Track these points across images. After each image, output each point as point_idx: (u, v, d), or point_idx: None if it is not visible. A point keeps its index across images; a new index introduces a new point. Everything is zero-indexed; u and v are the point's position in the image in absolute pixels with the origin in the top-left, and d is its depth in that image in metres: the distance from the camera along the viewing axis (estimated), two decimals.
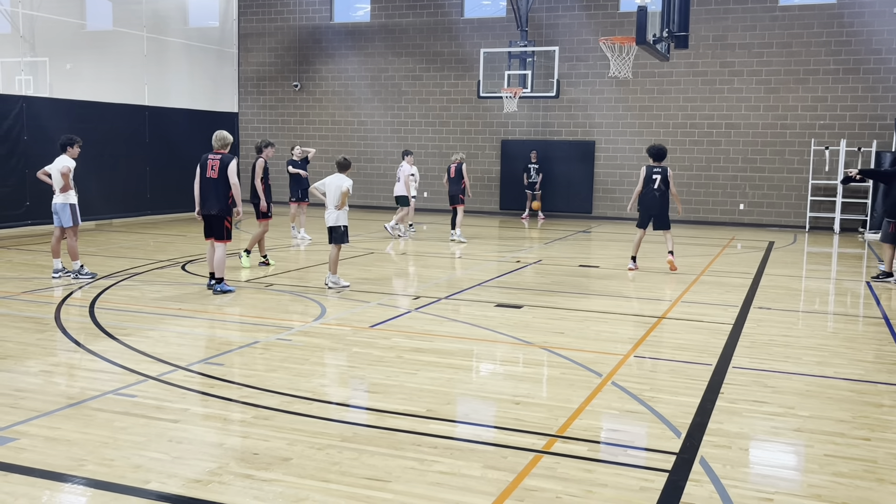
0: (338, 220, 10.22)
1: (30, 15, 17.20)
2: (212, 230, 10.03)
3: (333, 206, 10.16)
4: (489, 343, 7.73)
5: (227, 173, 9.76)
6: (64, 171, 10.54)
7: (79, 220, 10.82)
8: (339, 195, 10.12)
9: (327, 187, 10.26)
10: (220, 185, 9.80)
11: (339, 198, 10.12)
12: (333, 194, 10.17)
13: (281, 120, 25.57)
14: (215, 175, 9.79)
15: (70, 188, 10.64)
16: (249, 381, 6.22)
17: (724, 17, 20.91)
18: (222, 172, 9.78)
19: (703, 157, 21.41)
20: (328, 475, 4.44)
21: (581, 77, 22.24)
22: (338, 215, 10.19)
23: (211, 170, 9.81)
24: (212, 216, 9.95)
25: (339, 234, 10.24)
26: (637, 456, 4.86)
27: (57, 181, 10.63)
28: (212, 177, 9.81)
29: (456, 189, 16.10)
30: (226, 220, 9.93)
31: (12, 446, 4.75)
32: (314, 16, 24.91)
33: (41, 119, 16.40)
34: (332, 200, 10.19)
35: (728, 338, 8.01)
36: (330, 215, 10.22)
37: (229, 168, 9.77)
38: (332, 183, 10.22)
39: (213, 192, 9.85)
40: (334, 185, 10.19)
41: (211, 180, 9.82)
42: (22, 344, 7.23)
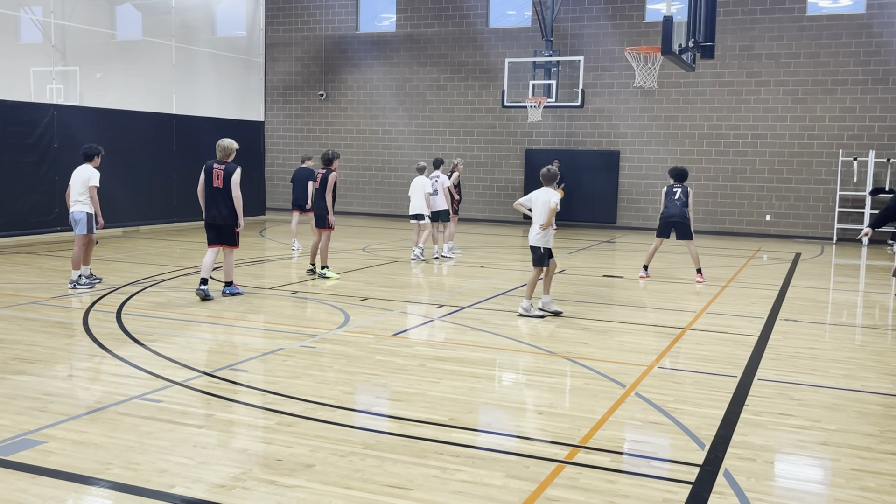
0: (539, 240, 9.34)
1: (61, 25, 17.48)
2: (219, 238, 9.99)
3: (539, 224, 9.30)
4: (512, 352, 7.72)
5: (230, 183, 9.73)
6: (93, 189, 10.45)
7: (94, 229, 10.71)
8: (546, 212, 9.26)
9: (533, 203, 9.40)
10: (226, 194, 9.78)
11: (546, 214, 9.25)
12: (541, 211, 9.30)
13: (306, 129, 25.76)
14: (221, 185, 9.77)
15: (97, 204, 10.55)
16: (273, 387, 6.27)
17: (751, 28, 20.79)
18: (227, 182, 9.75)
19: (728, 168, 21.27)
20: (351, 482, 4.45)
21: (606, 87, 22.20)
22: (541, 235, 9.33)
23: (217, 179, 9.78)
24: (220, 226, 9.92)
25: (539, 256, 9.34)
26: (660, 467, 4.83)
27: (81, 192, 10.52)
28: (218, 186, 9.78)
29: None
30: (235, 227, 9.92)
31: (41, 449, 4.82)
32: (340, 25, 25.10)
33: (71, 127, 16.64)
34: (538, 217, 9.32)
35: (753, 349, 7.94)
36: (533, 233, 9.39)
37: (232, 179, 9.72)
38: (540, 198, 9.34)
39: (222, 202, 9.82)
40: (541, 200, 9.32)
41: (217, 190, 9.80)
42: (50, 349, 7.33)
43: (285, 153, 26.03)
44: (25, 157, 15.85)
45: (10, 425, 5.22)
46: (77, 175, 10.66)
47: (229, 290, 10.02)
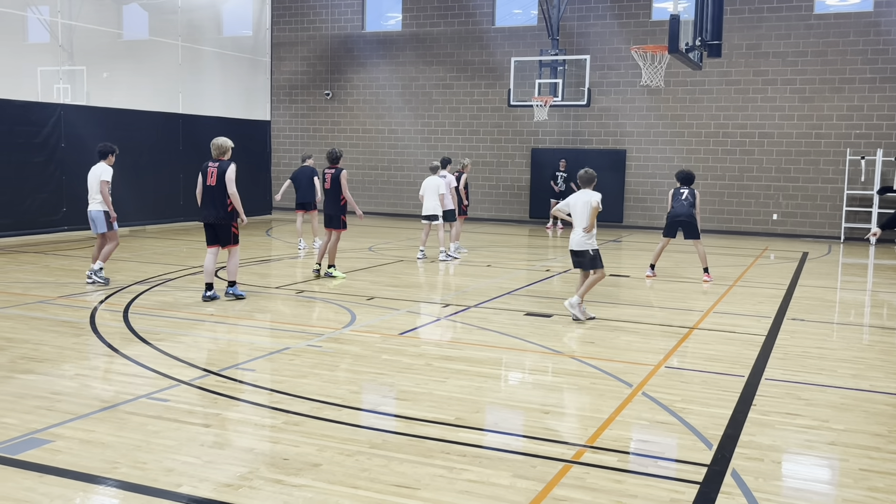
0: (584, 244, 9.09)
1: (68, 25, 17.52)
2: (217, 238, 9.82)
3: (581, 227, 9.04)
4: (518, 352, 7.71)
5: (224, 181, 9.56)
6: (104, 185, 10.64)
7: (114, 226, 10.90)
8: (588, 213, 8.99)
9: (572, 207, 9.11)
10: (218, 193, 9.59)
11: (588, 217, 8.97)
12: (581, 213, 9.05)
13: (312, 128, 25.78)
14: (214, 182, 9.60)
15: (108, 201, 10.73)
16: (280, 386, 6.27)
17: (758, 26, 20.73)
18: (220, 180, 9.57)
19: (735, 167, 21.21)
20: (357, 482, 4.45)
21: (612, 85, 22.16)
22: (585, 238, 9.07)
23: (210, 177, 9.63)
24: (214, 224, 9.77)
25: (589, 259, 9.11)
26: (668, 467, 4.82)
27: (95, 190, 10.74)
28: (211, 185, 9.62)
29: None
30: (232, 225, 9.74)
31: (48, 448, 4.83)
32: (346, 25, 25.11)
33: (78, 127, 16.68)
34: (580, 220, 9.06)
35: (761, 349, 7.92)
36: (576, 237, 9.13)
37: (227, 176, 9.55)
38: (580, 200, 9.05)
39: (212, 201, 9.65)
40: (582, 201, 9.02)
41: (211, 188, 9.63)
42: (58, 347, 7.35)
43: (291, 152, 26.04)
44: (33, 157, 15.90)
45: (18, 424, 5.23)
46: (91, 173, 10.84)
47: (232, 291, 9.88)
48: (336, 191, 11.47)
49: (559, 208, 9.35)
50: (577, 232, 9.09)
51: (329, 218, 11.68)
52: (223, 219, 9.66)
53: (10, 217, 15.48)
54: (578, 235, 9.09)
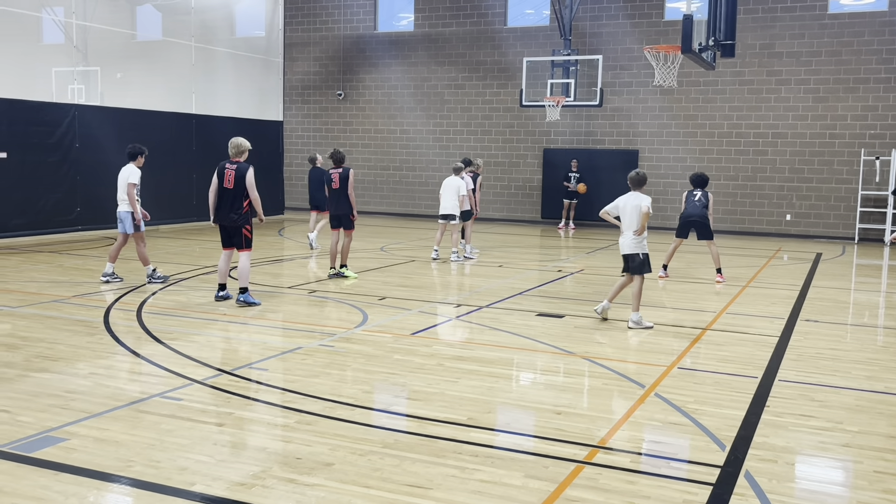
0: (635, 247, 8.91)
1: (83, 25, 17.63)
2: (231, 240, 9.68)
3: (631, 230, 8.87)
4: (530, 352, 7.71)
5: (244, 184, 9.40)
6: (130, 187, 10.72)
7: (140, 227, 10.93)
8: (639, 217, 8.82)
9: (621, 210, 8.94)
10: (235, 195, 9.42)
11: (639, 220, 8.81)
12: (631, 216, 8.87)
13: (325, 128, 25.83)
14: (231, 185, 9.40)
15: (134, 202, 10.78)
16: (292, 386, 6.29)
17: (772, 26, 20.63)
18: (238, 183, 9.39)
19: (748, 167, 21.11)
20: (370, 481, 4.46)
21: (625, 86, 22.10)
22: (636, 241, 8.88)
23: (227, 180, 9.43)
24: (229, 227, 9.61)
25: (638, 263, 8.91)
26: (680, 468, 4.81)
27: (122, 190, 10.82)
28: (228, 187, 9.42)
29: None
30: (244, 228, 9.56)
31: (63, 446, 4.86)
32: (358, 25, 25.15)
33: (92, 127, 16.79)
34: (629, 223, 8.89)
35: (774, 350, 7.88)
36: (626, 241, 8.96)
37: (247, 179, 9.41)
38: (629, 203, 8.89)
39: (229, 203, 9.46)
40: (631, 205, 8.86)
41: (227, 190, 9.43)
42: (72, 346, 7.40)
43: (304, 153, 26.07)
44: (47, 157, 16.01)
45: (33, 422, 5.27)
46: (120, 174, 10.90)
47: (243, 298, 9.53)
48: (345, 191, 11.46)
49: (607, 210, 9.08)
50: (627, 235, 8.88)
51: (338, 219, 11.62)
52: (237, 221, 9.51)
53: (25, 217, 15.59)
54: (629, 239, 8.88)
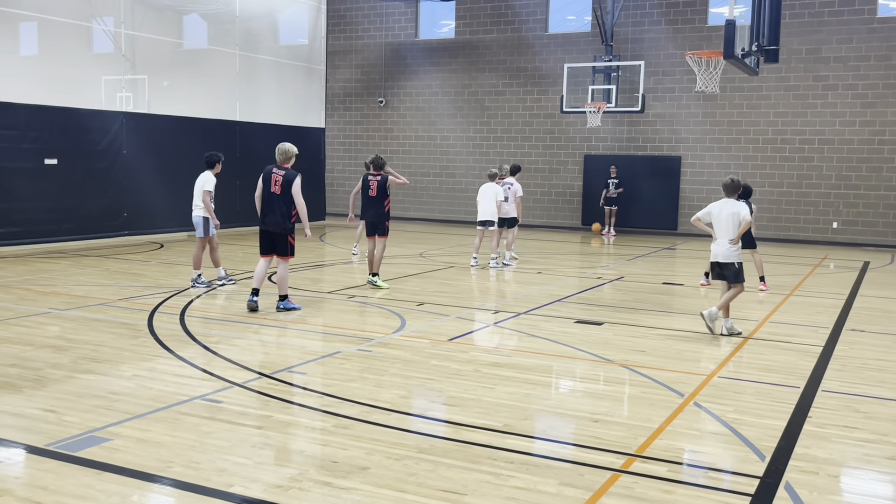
0: (731, 256, 8.67)
1: (131, 35, 18.01)
2: (273, 247, 9.58)
3: (727, 238, 8.65)
4: (568, 359, 7.67)
5: (290, 191, 9.37)
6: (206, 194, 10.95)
7: (211, 231, 11.16)
8: (736, 225, 8.63)
9: (714, 217, 8.72)
10: (283, 201, 9.39)
11: (736, 228, 8.62)
12: (728, 223, 8.65)
13: (366, 135, 26.02)
14: (279, 191, 9.39)
15: (210, 209, 11.01)
16: (330, 390, 6.34)
17: (818, 30, 20.28)
18: (286, 189, 9.37)
19: (794, 174, 20.76)
20: (405, 486, 4.48)
21: (667, 91, 21.90)
22: (733, 249, 8.64)
23: (275, 185, 9.40)
24: (273, 233, 9.54)
25: (734, 271, 8.69)
26: (719, 478, 4.74)
27: (197, 196, 11.09)
28: (275, 192, 9.40)
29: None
30: (290, 236, 9.53)
31: (106, 446, 4.97)
32: (399, 33, 25.31)
33: (139, 134, 17.15)
34: (725, 231, 8.66)
35: (818, 360, 7.73)
36: (721, 249, 8.72)
37: (293, 186, 9.37)
38: (726, 210, 8.68)
39: (277, 209, 9.42)
40: (728, 212, 8.66)
41: (274, 196, 9.41)
42: (117, 349, 7.55)
43: (345, 159, 26.34)
44: (96, 164, 16.37)
45: (78, 422, 5.39)
46: (196, 181, 11.16)
47: (283, 305, 9.53)
48: (382, 198, 11.48)
49: (699, 217, 8.84)
50: (723, 243, 8.66)
51: (373, 226, 11.58)
52: (284, 228, 9.45)
53: (73, 222, 15.96)
54: (724, 247, 8.65)
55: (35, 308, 9.44)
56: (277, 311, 9.53)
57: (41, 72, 16.44)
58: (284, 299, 9.61)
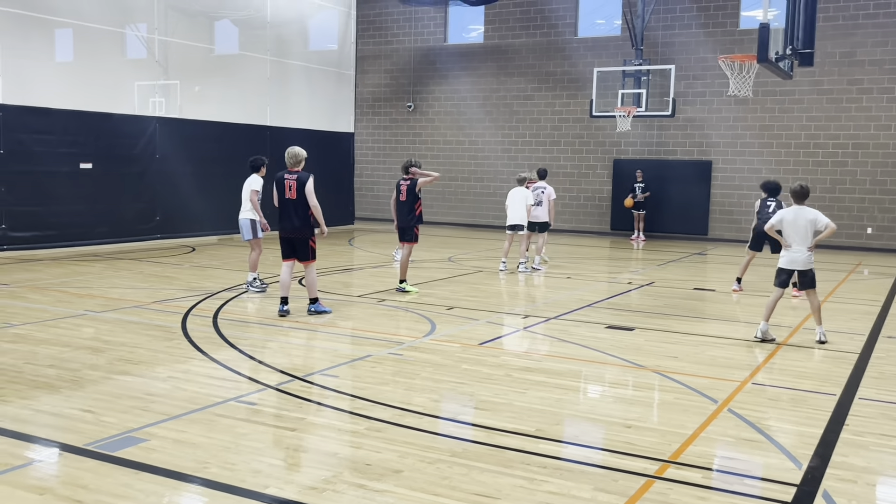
0: (809, 263, 8.54)
1: (164, 41, 18.25)
2: (294, 251, 9.56)
3: (805, 245, 8.47)
4: (599, 365, 7.64)
5: (304, 194, 9.32)
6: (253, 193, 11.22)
7: (258, 234, 11.33)
8: (812, 232, 8.44)
9: (789, 224, 8.51)
10: (299, 205, 9.33)
11: (812, 235, 8.44)
12: (806, 230, 8.45)
13: (395, 140, 26.12)
14: (294, 196, 9.33)
15: (258, 208, 11.22)
16: (362, 393, 6.37)
17: (853, 33, 20.03)
18: (300, 192, 9.31)
19: (827, 179, 20.50)
20: (438, 489, 4.49)
21: (698, 95, 21.74)
22: (811, 257, 8.51)
23: (289, 190, 9.35)
24: (293, 238, 9.52)
25: (810, 279, 8.60)
26: (754, 486, 4.70)
27: (245, 198, 11.31)
28: (290, 197, 9.34)
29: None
30: (310, 239, 9.49)
31: (143, 447, 5.03)
32: (428, 38, 25.39)
33: (172, 138, 17.36)
34: (803, 238, 8.46)
35: (854, 367, 7.63)
36: (800, 257, 8.52)
37: (307, 188, 9.30)
38: (802, 217, 8.47)
39: (294, 213, 9.37)
40: (807, 218, 8.44)
41: (290, 201, 9.35)
42: (152, 351, 7.65)
43: (374, 164, 26.45)
44: (129, 168, 16.61)
45: (116, 423, 5.47)
46: (245, 185, 11.39)
47: (314, 308, 9.61)
48: (412, 202, 11.49)
49: (773, 225, 8.62)
50: (801, 251, 8.46)
51: (403, 231, 11.61)
52: (303, 232, 9.43)
53: (107, 225, 16.19)
54: (804, 255, 8.46)
55: (71, 310, 9.60)
56: (309, 314, 9.58)
57: (76, 77, 16.71)
58: (315, 302, 9.68)
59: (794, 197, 8.62)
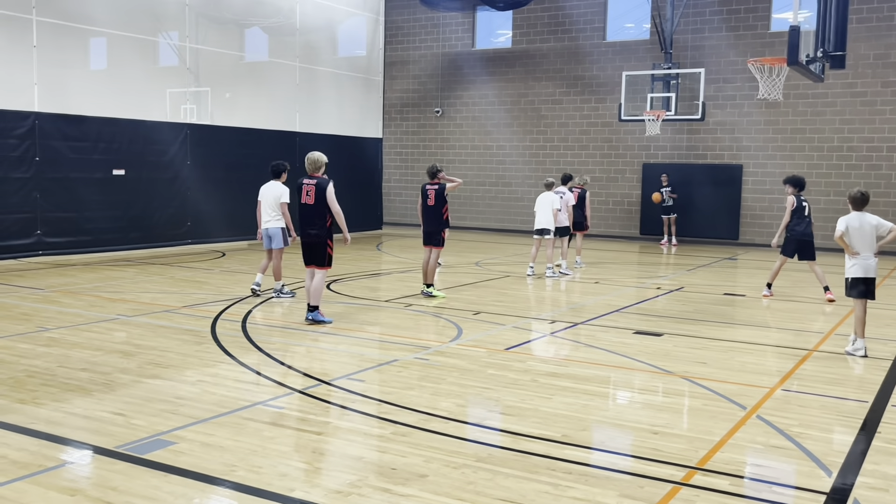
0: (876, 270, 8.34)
1: (195, 49, 18.49)
2: (311, 257, 9.40)
3: (872, 251, 8.26)
4: (627, 370, 7.59)
5: (325, 199, 9.16)
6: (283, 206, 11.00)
7: (288, 241, 11.20)
8: (875, 237, 8.26)
9: (856, 231, 8.24)
10: (316, 211, 9.20)
11: (877, 242, 8.26)
12: (872, 236, 8.26)
13: (423, 145, 26.19)
14: (311, 201, 9.19)
15: (289, 219, 11.07)
16: (388, 397, 6.40)
17: (887, 35, 19.73)
18: (319, 198, 9.16)
19: (860, 182, 20.14)
20: (463, 494, 4.50)
21: (728, 99, 21.54)
22: (876, 263, 8.32)
23: (306, 195, 9.21)
24: (311, 244, 9.38)
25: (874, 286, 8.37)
26: (783, 493, 4.64)
27: (273, 209, 11.04)
28: (308, 203, 9.21)
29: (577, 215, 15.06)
30: (328, 245, 9.32)
31: (172, 449, 5.10)
32: (456, 43, 25.44)
33: (202, 145, 17.57)
34: (870, 245, 8.26)
35: (887, 374, 7.51)
36: (872, 263, 8.25)
37: (327, 194, 9.15)
38: (867, 222, 8.26)
39: (311, 219, 9.26)
40: (871, 224, 8.27)
41: (307, 206, 9.22)
42: (181, 354, 7.74)
43: (402, 169, 26.54)
44: (161, 174, 16.83)
45: (146, 426, 5.55)
46: (269, 192, 11.12)
47: (312, 317, 9.33)
48: (439, 207, 11.51)
49: (841, 234, 8.27)
50: (871, 257, 8.21)
51: (429, 235, 11.61)
52: (320, 237, 9.28)
53: (139, 230, 16.42)
54: (875, 262, 8.24)
55: (104, 314, 9.74)
56: (306, 321, 9.38)
57: (110, 85, 17.00)
58: (315, 310, 9.40)
59: (855, 203, 8.37)
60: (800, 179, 12.14)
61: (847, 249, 8.33)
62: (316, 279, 9.42)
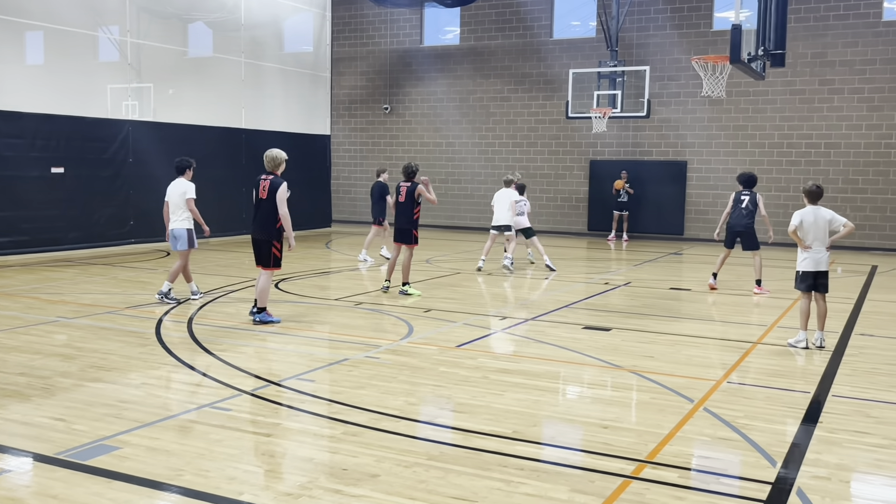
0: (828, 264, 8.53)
1: (137, 43, 18.08)
2: (258, 256, 9.19)
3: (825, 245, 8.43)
4: (576, 366, 7.65)
5: (275, 198, 8.96)
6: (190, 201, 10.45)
7: (195, 243, 10.66)
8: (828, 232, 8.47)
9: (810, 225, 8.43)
10: (266, 208, 9.00)
11: (829, 236, 8.47)
12: (824, 231, 8.47)
13: (371, 142, 26.06)
14: (265, 196, 9.01)
15: (198, 215, 10.54)
16: (339, 397, 6.33)
17: (824, 34, 20.26)
18: (271, 195, 8.98)
19: (800, 178, 20.69)
20: (415, 493, 4.47)
21: (672, 96, 21.89)
22: (828, 257, 8.50)
23: (262, 191, 9.04)
24: (258, 241, 9.19)
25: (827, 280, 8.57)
26: (730, 484, 4.72)
27: (181, 207, 10.50)
28: (262, 197, 9.04)
29: None
30: (274, 245, 9.09)
31: (116, 454, 4.96)
32: (404, 40, 25.36)
33: (145, 142, 17.19)
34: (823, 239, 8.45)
35: (827, 365, 7.70)
36: (822, 257, 8.43)
37: (278, 194, 8.95)
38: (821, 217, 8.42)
39: (261, 216, 9.07)
40: (824, 219, 8.43)
41: (261, 202, 9.04)
42: (125, 357, 7.55)
43: (350, 166, 26.37)
44: (101, 172, 16.42)
45: (88, 431, 5.39)
46: (174, 190, 10.59)
47: (260, 318, 9.15)
48: (410, 205, 11.42)
49: (794, 228, 8.38)
50: (822, 252, 8.40)
51: (399, 232, 11.52)
52: (267, 235, 9.07)
53: (79, 230, 16.00)
54: (825, 255, 8.42)
55: (43, 317, 9.46)
56: (254, 323, 9.18)
57: (47, 80, 16.49)
58: (262, 311, 9.20)
59: (811, 197, 8.50)
60: (744, 177, 12.46)
61: (800, 243, 8.49)
62: (261, 280, 9.22)
